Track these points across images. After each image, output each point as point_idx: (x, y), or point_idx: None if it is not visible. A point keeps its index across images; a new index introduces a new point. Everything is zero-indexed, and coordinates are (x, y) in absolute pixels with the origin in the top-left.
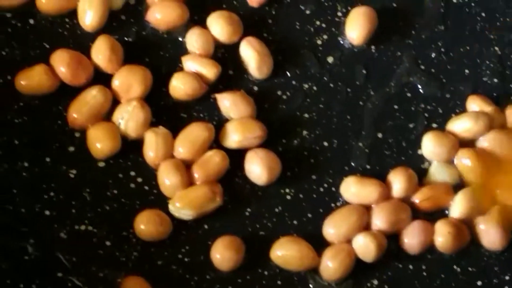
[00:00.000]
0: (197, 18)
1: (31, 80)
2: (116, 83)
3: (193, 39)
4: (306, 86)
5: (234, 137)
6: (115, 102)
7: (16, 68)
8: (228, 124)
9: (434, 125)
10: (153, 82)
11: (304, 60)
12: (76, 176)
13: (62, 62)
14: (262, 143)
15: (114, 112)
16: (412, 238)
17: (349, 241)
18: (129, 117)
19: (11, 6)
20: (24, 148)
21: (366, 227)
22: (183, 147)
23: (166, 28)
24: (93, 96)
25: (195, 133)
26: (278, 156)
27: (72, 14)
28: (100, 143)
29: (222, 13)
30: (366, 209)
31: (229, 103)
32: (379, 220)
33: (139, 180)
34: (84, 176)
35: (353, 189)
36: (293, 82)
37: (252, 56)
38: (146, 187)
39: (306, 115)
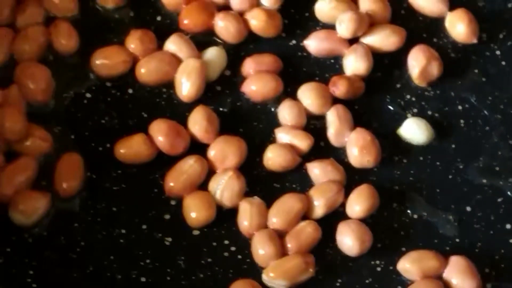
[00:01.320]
0: (289, 90)
1: (130, 148)
2: (212, 153)
3: (285, 112)
4: (396, 158)
5: (317, 204)
6: (211, 171)
7: (115, 137)
8: (309, 194)
9: None
10: (247, 152)
11: (394, 133)
12: (171, 243)
13: (160, 132)
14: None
15: (210, 182)
16: None
17: None
18: (225, 187)
19: (111, 76)
20: (121, 215)
21: None
22: (277, 217)
23: (260, 99)
24: (190, 165)
25: (288, 204)
26: (369, 228)
27: (169, 84)
28: (195, 212)
29: (312, 85)
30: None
31: (318, 171)
32: None
33: (233, 249)
34: (179, 244)
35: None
36: (383, 155)
37: (333, 122)
38: (240, 256)
39: (396, 187)
